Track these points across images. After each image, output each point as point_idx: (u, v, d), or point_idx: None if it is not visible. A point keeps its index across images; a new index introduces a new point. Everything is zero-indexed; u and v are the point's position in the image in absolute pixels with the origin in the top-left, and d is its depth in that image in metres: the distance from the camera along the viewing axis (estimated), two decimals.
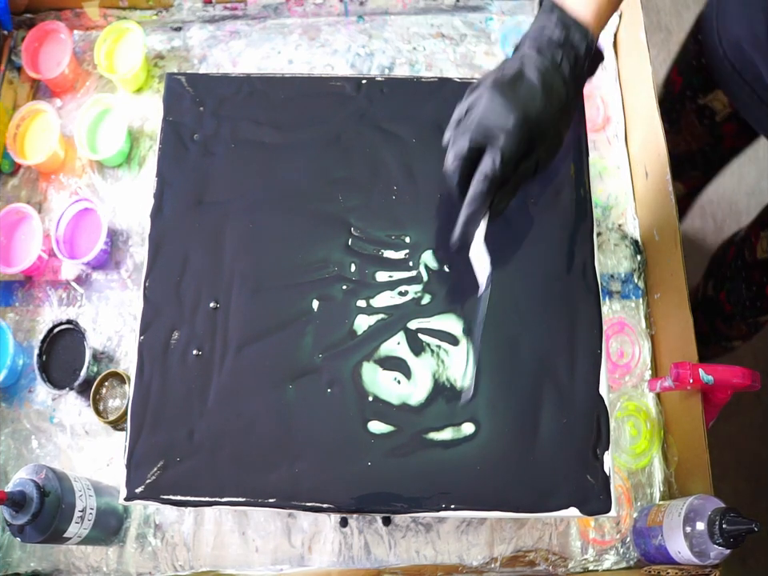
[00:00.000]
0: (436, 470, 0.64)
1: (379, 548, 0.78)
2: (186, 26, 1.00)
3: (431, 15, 1.00)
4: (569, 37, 0.62)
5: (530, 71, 0.61)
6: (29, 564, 0.78)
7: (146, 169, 0.93)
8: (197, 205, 0.72)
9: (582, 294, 0.69)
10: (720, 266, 1.18)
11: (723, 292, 1.15)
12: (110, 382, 0.83)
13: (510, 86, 0.61)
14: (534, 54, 0.62)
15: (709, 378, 0.72)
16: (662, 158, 0.83)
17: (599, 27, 0.64)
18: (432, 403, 0.66)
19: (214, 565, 0.78)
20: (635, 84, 0.91)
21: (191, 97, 0.76)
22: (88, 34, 1.00)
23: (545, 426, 0.65)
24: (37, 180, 0.93)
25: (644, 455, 0.81)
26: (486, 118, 0.60)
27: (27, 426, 0.83)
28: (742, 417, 1.53)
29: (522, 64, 0.62)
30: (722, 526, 0.65)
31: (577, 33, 0.62)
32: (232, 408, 0.66)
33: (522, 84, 0.61)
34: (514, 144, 0.60)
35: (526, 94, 0.61)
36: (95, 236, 0.87)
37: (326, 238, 0.71)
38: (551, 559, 0.78)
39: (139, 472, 0.64)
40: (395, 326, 0.68)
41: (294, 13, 1.00)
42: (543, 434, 0.65)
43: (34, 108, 0.93)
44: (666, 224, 0.83)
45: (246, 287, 0.69)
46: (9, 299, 0.88)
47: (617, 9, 0.65)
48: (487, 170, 0.61)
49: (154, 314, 0.69)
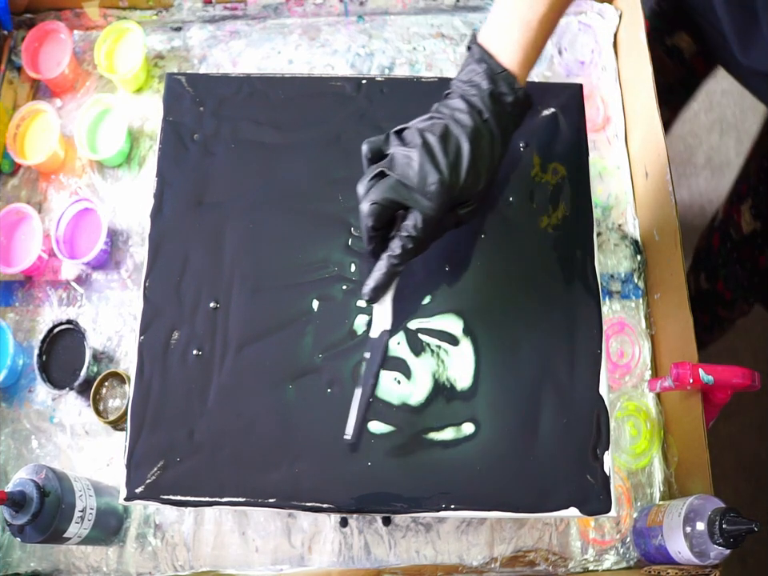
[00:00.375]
0: (436, 470, 0.64)
1: (379, 548, 0.78)
2: (185, 26, 1.00)
3: (431, 15, 1.00)
4: (497, 88, 0.62)
5: (457, 129, 0.61)
6: (29, 564, 0.78)
7: (146, 169, 0.93)
8: (197, 205, 0.72)
9: (582, 294, 0.69)
10: (708, 255, 1.17)
11: (720, 281, 1.15)
12: (110, 381, 0.83)
13: (438, 145, 0.60)
14: (462, 107, 0.61)
15: (709, 378, 0.72)
16: (662, 158, 0.83)
17: (526, 72, 0.64)
18: (432, 403, 0.66)
19: (214, 565, 0.78)
20: (635, 84, 0.91)
21: (191, 97, 0.76)
22: (88, 34, 1.00)
23: (545, 425, 0.65)
24: (37, 180, 0.93)
25: (644, 455, 0.81)
26: (409, 178, 0.60)
27: (27, 426, 0.83)
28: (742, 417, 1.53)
29: (450, 119, 0.61)
30: (722, 526, 0.65)
31: (504, 84, 0.62)
32: (232, 408, 0.66)
33: (450, 143, 0.60)
34: (436, 209, 0.60)
35: (453, 156, 0.60)
36: (95, 236, 0.87)
37: (326, 238, 0.71)
38: (551, 559, 0.78)
39: (139, 472, 0.64)
40: (395, 326, 0.68)
41: (294, 13, 1.00)
42: (543, 433, 0.65)
43: (34, 108, 0.93)
44: (665, 224, 0.83)
45: (246, 287, 0.69)
46: (9, 299, 0.88)
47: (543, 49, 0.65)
48: (410, 230, 0.61)
49: (154, 314, 0.69)
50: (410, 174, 0.60)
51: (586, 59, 0.96)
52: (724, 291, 1.16)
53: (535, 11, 0.62)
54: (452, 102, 0.62)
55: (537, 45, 0.63)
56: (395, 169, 0.60)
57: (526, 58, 0.62)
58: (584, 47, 0.97)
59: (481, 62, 0.62)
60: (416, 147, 0.60)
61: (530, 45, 0.62)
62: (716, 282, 1.16)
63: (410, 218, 0.61)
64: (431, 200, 0.60)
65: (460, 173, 0.60)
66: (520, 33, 0.62)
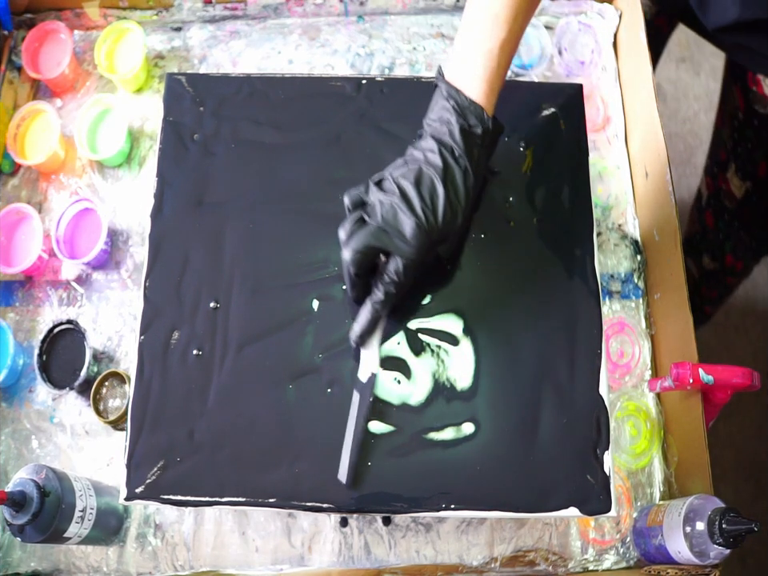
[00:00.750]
0: (436, 470, 0.64)
1: (379, 548, 0.78)
2: (186, 26, 1.00)
3: (431, 15, 1.00)
4: (466, 122, 0.63)
5: (429, 171, 0.62)
6: (29, 564, 0.78)
7: (146, 169, 0.93)
8: (197, 205, 0.72)
9: (581, 294, 0.69)
10: (705, 236, 1.17)
11: (728, 255, 1.15)
12: (110, 381, 0.83)
13: (413, 190, 0.61)
14: (433, 147, 0.62)
15: (709, 378, 0.72)
16: (662, 158, 0.83)
17: (494, 99, 0.65)
18: (432, 403, 0.66)
19: (214, 565, 0.78)
20: (635, 84, 0.91)
21: (191, 97, 0.76)
22: (88, 34, 1.00)
23: (545, 425, 0.65)
24: (37, 180, 0.93)
25: (644, 455, 0.81)
26: (388, 224, 0.61)
27: (27, 426, 0.83)
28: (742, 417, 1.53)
29: (423, 162, 0.62)
30: (722, 525, 0.65)
31: (473, 117, 0.63)
32: (232, 408, 0.66)
33: (423, 187, 0.61)
34: (416, 253, 0.61)
35: (429, 200, 0.61)
36: (95, 236, 0.87)
37: (326, 238, 0.71)
38: (551, 559, 0.78)
39: (139, 472, 0.64)
40: (395, 326, 0.68)
41: (294, 13, 1.00)
42: (543, 434, 0.65)
43: (34, 108, 0.93)
44: (665, 224, 0.83)
45: (246, 287, 0.69)
46: (9, 299, 0.88)
47: (507, 73, 0.66)
48: (392, 276, 0.62)
49: (154, 314, 0.69)
50: (388, 220, 0.61)
51: (585, 59, 0.96)
52: (735, 263, 1.16)
53: (495, 39, 0.63)
54: (424, 144, 0.64)
55: (501, 72, 0.65)
56: (375, 216, 0.62)
57: (490, 87, 0.64)
58: (584, 47, 0.97)
59: (449, 98, 0.63)
60: (393, 194, 0.61)
61: (493, 73, 0.64)
62: (724, 258, 1.17)
63: (392, 264, 0.62)
64: (411, 245, 0.61)
65: (437, 214, 0.61)
66: (482, 64, 0.63)
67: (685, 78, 1.84)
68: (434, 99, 0.65)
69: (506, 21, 0.63)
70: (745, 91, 0.92)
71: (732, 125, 0.98)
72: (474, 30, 0.64)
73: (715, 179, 1.07)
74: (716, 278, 1.23)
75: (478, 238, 0.70)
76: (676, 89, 1.84)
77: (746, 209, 1.05)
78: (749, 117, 0.94)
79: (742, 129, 0.97)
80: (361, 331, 0.64)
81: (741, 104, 0.94)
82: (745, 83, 0.92)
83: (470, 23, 0.65)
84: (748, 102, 0.92)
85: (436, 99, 0.65)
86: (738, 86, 0.94)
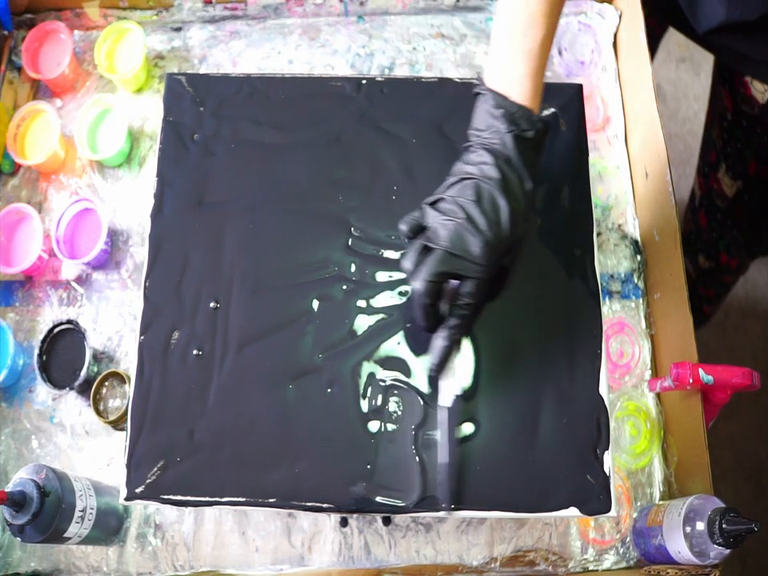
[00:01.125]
0: (436, 470, 0.64)
1: (379, 548, 0.78)
2: (186, 26, 1.00)
3: (431, 15, 1.00)
4: (518, 128, 0.61)
5: (488, 185, 0.61)
6: (29, 564, 0.78)
7: (146, 169, 0.93)
8: (197, 205, 0.72)
9: (581, 294, 0.69)
10: (699, 236, 1.18)
11: (722, 254, 1.16)
12: (110, 381, 0.83)
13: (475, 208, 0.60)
14: (488, 159, 0.61)
15: (709, 378, 0.72)
16: (662, 158, 0.83)
17: (539, 99, 0.64)
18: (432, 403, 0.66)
19: (214, 565, 0.78)
20: (635, 84, 0.91)
21: (191, 97, 0.76)
22: (88, 34, 1.00)
23: (545, 425, 0.65)
24: (37, 180, 0.93)
25: (644, 455, 0.81)
26: (455, 247, 0.60)
27: (27, 426, 0.83)
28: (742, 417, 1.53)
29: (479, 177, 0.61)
30: (722, 525, 0.65)
31: (523, 121, 0.61)
32: (232, 408, 0.66)
33: (485, 202, 0.60)
34: (487, 271, 0.60)
35: (492, 215, 0.60)
36: (95, 236, 0.87)
37: (326, 237, 0.71)
38: (551, 559, 0.78)
39: (139, 472, 0.64)
40: (395, 326, 0.68)
41: (294, 13, 1.00)
42: (543, 433, 0.65)
43: (34, 108, 0.93)
44: (665, 224, 0.83)
45: (246, 287, 0.69)
46: (9, 299, 0.88)
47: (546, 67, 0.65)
48: (467, 299, 0.61)
49: (154, 314, 0.69)
50: (455, 243, 0.60)
51: (586, 59, 0.96)
52: (729, 261, 1.16)
53: (534, 39, 0.62)
54: (475, 157, 0.62)
55: (543, 70, 0.64)
56: (439, 240, 0.60)
57: (535, 87, 0.63)
58: (584, 47, 0.97)
59: (496, 106, 0.62)
60: (454, 215, 0.60)
61: (537, 73, 0.63)
62: (718, 257, 1.17)
63: (464, 287, 0.61)
64: (482, 264, 0.60)
65: (503, 229, 0.60)
66: (525, 64, 0.62)
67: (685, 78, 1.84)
68: (477, 108, 0.64)
69: (544, 17, 0.62)
70: (733, 93, 0.93)
71: (721, 125, 0.99)
72: (512, 31, 0.63)
73: (707, 179, 1.08)
74: (712, 277, 1.24)
75: None
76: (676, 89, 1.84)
77: (738, 207, 1.05)
78: (737, 117, 0.94)
79: (731, 129, 0.97)
80: (439, 360, 0.63)
81: (729, 105, 0.95)
82: (732, 85, 0.92)
83: (506, 25, 0.63)
84: (736, 103, 0.93)
85: (480, 108, 0.63)
86: (726, 88, 0.94)
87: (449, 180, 0.63)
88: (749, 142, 0.96)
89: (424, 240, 0.61)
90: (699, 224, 1.15)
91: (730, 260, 1.16)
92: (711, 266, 1.20)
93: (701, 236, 1.17)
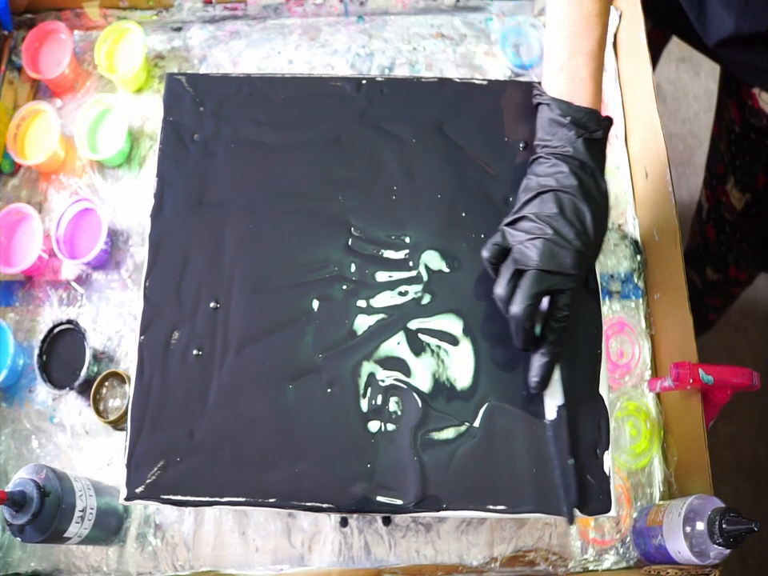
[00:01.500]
0: (436, 470, 0.64)
1: (379, 548, 0.78)
2: (186, 26, 1.00)
3: (431, 15, 1.00)
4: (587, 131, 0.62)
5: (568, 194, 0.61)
6: (29, 564, 0.78)
7: (146, 169, 0.93)
8: (197, 205, 0.72)
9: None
10: (707, 249, 1.17)
11: (731, 267, 1.15)
12: (110, 381, 0.83)
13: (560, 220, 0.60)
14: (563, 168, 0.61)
15: (709, 378, 0.72)
16: (662, 158, 0.83)
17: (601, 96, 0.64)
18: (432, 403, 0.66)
19: (214, 565, 0.78)
20: (635, 84, 0.91)
21: (191, 97, 0.76)
22: (88, 34, 1.00)
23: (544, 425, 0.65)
24: (37, 180, 0.93)
25: (644, 455, 0.81)
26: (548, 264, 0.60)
27: (27, 426, 0.83)
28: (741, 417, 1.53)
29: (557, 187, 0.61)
30: (722, 525, 0.65)
31: (591, 123, 0.62)
32: (232, 408, 0.66)
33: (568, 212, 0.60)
34: (580, 279, 0.61)
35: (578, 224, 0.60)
36: (95, 236, 0.87)
37: (326, 237, 0.71)
38: (551, 559, 0.78)
39: (139, 472, 0.64)
40: (395, 326, 0.68)
41: (294, 13, 1.00)
42: (543, 433, 0.65)
43: (34, 108, 0.93)
44: (666, 224, 0.83)
45: (246, 287, 0.69)
46: (9, 299, 0.88)
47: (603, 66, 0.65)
48: (564, 311, 0.61)
49: (154, 314, 0.69)
50: (547, 259, 0.59)
51: None
52: (738, 274, 1.16)
53: (592, 40, 0.62)
54: (548, 168, 0.62)
55: (601, 70, 0.64)
56: (529, 261, 0.60)
57: (597, 86, 0.63)
58: None
59: (563, 114, 0.62)
60: (541, 231, 0.60)
61: (597, 74, 0.63)
62: (727, 270, 1.17)
63: (561, 300, 0.61)
64: (574, 274, 0.60)
65: (589, 234, 0.61)
66: (586, 67, 0.63)
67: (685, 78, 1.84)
68: (541, 118, 0.64)
69: (598, 16, 0.62)
70: (740, 105, 0.92)
71: (729, 138, 0.99)
72: (569, 35, 0.63)
73: (714, 192, 1.07)
74: (720, 289, 1.23)
75: (478, 237, 0.70)
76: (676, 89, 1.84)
77: (747, 220, 1.05)
78: (745, 130, 0.94)
79: (739, 142, 0.97)
80: (542, 377, 0.63)
81: (737, 118, 0.94)
82: (740, 97, 0.92)
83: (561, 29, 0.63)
84: (744, 115, 0.93)
85: (544, 117, 0.63)
86: (734, 100, 0.94)
87: (524, 196, 0.63)
88: (757, 154, 0.95)
89: (512, 263, 0.61)
90: (707, 237, 1.15)
91: (739, 273, 1.16)
92: (719, 278, 1.20)
93: (709, 249, 1.17)
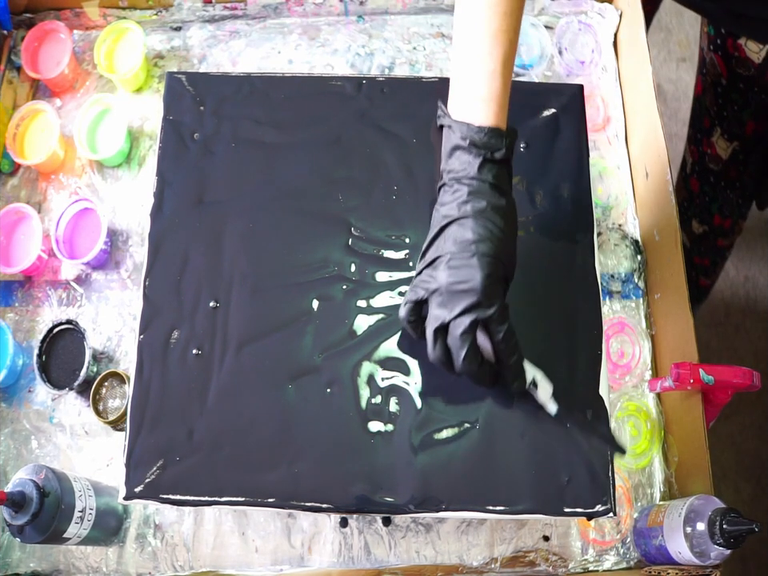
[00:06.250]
0: (436, 470, 0.64)
1: (379, 548, 0.78)
2: (185, 26, 1.00)
3: (431, 15, 1.00)
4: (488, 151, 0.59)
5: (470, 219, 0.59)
6: (28, 564, 0.78)
7: (145, 169, 0.93)
8: (197, 204, 0.72)
9: (582, 294, 0.69)
10: (692, 201, 1.20)
11: (715, 215, 1.18)
12: (110, 382, 0.82)
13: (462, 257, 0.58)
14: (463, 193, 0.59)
15: (709, 378, 0.72)
16: (662, 158, 0.83)
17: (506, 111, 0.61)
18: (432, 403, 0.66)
19: (214, 565, 0.78)
20: (635, 84, 0.91)
21: (191, 96, 0.76)
22: (88, 34, 1.00)
23: (545, 426, 0.65)
24: (36, 180, 0.93)
25: (644, 455, 0.81)
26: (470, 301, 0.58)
27: (27, 426, 0.83)
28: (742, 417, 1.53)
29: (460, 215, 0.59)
30: (723, 526, 0.65)
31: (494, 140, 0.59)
32: (232, 408, 0.65)
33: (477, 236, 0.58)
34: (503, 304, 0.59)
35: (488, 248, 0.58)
36: (95, 236, 0.87)
37: (326, 237, 0.71)
38: (551, 559, 0.78)
39: (138, 471, 0.64)
40: (395, 326, 0.68)
41: (294, 13, 1.00)
42: (543, 434, 0.65)
43: (33, 108, 0.93)
44: (666, 224, 0.83)
45: (245, 287, 0.69)
46: (9, 299, 0.88)
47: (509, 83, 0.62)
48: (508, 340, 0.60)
49: (153, 314, 0.68)
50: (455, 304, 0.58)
51: (586, 59, 0.96)
52: (723, 222, 1.19)
53: (495, 57, 0.60)
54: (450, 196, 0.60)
55: (507, 87, 0.61)
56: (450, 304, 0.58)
57: (500, 105, 0.60)
58: (584, 47, 0.97)
59: (463, 137, 0.60)
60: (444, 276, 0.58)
61: (501, 91, 0.60)
62: (711, 219, 1.19)
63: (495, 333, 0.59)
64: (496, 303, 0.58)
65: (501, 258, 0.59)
66: (487, 87, 0.60)
67: (685, 78, 1.84)
68: (444, 141, 0.62)
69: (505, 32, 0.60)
70: (726, 58, 0.94)
71: (715, 92, 1.01)
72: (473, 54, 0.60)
73: (699, 145, 1.10)
74: (707, 242, 1.26)
75: None
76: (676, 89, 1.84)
77: (733, 168, 1.08)
78: (733, 81, 0.96)
79: (727, 93, 0.99)
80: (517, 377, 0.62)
81: (723, 71, 0.96)
82: (726, 51, 0.93)
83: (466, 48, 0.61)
84: (731, 67, 0.94)
85: (448, 141, 0.61)
86: (719, 55, 0.95)
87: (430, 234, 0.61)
88: (746, 103, 0.98)
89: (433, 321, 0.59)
90: (691, 190, 1.18)
91: (723, 221, 1.19)
92: (705, 230, 1.22)
93: (693, 201, 1.20)
